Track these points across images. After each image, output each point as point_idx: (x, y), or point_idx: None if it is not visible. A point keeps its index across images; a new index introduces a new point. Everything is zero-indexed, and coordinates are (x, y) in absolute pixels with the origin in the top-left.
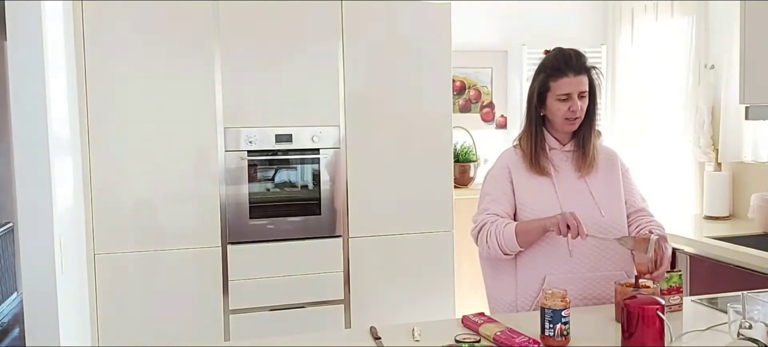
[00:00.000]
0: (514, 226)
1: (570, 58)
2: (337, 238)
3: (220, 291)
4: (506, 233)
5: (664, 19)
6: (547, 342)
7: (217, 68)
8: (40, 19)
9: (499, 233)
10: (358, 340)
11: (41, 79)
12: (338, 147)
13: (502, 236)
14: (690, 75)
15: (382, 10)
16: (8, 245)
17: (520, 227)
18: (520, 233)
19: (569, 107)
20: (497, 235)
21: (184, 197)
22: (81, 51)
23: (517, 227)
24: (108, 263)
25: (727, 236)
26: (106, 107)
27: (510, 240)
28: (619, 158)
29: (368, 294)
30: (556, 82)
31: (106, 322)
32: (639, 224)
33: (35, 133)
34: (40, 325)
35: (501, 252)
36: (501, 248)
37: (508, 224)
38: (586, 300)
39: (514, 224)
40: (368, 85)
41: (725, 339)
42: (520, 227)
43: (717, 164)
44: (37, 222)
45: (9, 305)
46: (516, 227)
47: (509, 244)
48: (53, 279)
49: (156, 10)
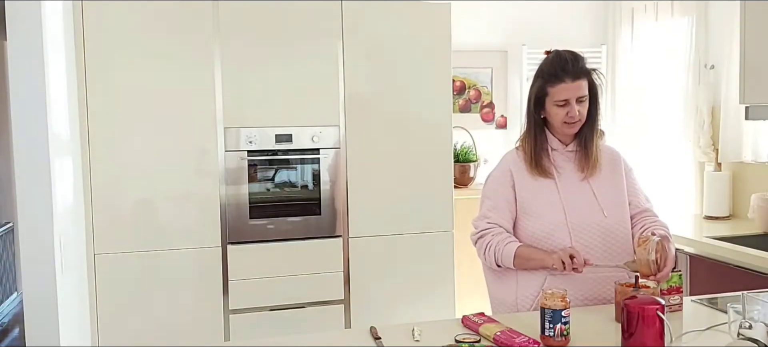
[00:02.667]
0: (514, 248)
1: (566, 63)
2: (337, 238)
3: (220, 291)
4: (505, 253)
5: (664, 19)
6: (547, 342)
7: (217, 68)
8: (40, 19)
9: (498, 249)
10: (358, 340)
11: (41, 80)
12: (338, 147)
13: (501, 254)
14: (690, 75)
15: (382, 10)
16: (8, 245)
17: (520, 251)
18: (518, 256)
19: (567, 113)
20: (496, 250)
21: (184, 197)
22: (81, 51)
23: (518, 250)
24: (108, 263)
25: (727, 236)
26: (106, 107)
27: (507, 260)
28: (622, 159)
29: (368, 294)
30: (554, 88)
31: (106, 322)
32: (643, 224)
33: (35, 133)
34: (40, 325)
35: (496, 265)
36: (497, 262)
37: (508, 244)
38: (586, 300)
39: (515, 247)
40: (368, 85)
41: (725, 339)
42: (520, 252)
43: (717, 164)
44: (37, 222)
45: (9, 305)
46: (516, 250)
47: (506, 263)
48: (53, 279)
49: (156, 10)
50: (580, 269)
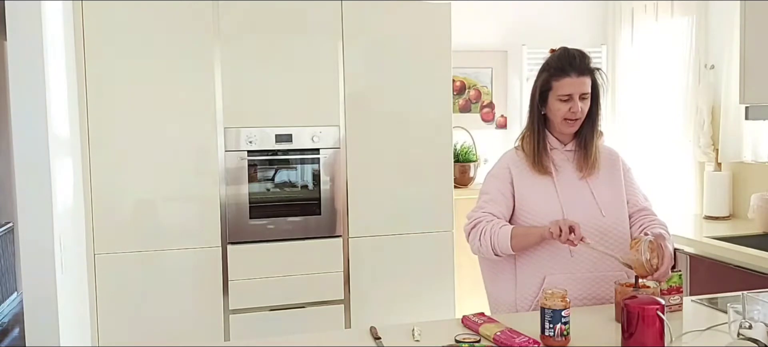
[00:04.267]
0: (510, 228)
1: (574, 59)
2: (337, 238)
3: (220, 291)
4: (501, 234)
5: (664, 19)
6: (547, 342)
7: (217, 68)
8: (40, 19)
9: (494, 232)
10: (358, 340)
11: (41, 80)
12: (338, 147)
13: (497, 237)
14: (690, 75)
15: (382, 10)
16: (8, 245)
17: (516, 230)
18: (515, 236)
19: (570, 108)
20: (492, 234)
21: (184, 197)
22: (81, 51)
23: (514, 230)
24: (108, 263)
25: (727, 236)
26: (106, 107)
27: (504, 241)
28: (620, 158)
29: (368, 294)
30: (559, 82)
31: (106, 322)
32: (642, 224)
33: (35, 133)
34: (40, 325)
35: (492, 252)
36: (493, 248)
37: (504, 226)
38: (586, 300)
39: (511, 227)
40: (368, 85)
41: (725, 339)
42: (517, 231)
43: (717, 164)
44: (37, 222)
45: (9, 305)
46: (512, 230)
47: (502, 246)
48: (53, 279)
49: (156, 10)
50: (575, 242)
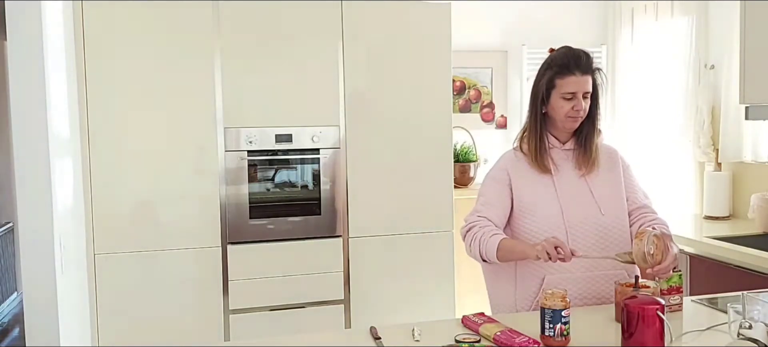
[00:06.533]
0: (498, 240)
1: (579, 58)
2: (337, 238)
3: (220, 291)
4: (489, 245)
5: (664, 19)
6: (547, 342)
7: (217, 68)
8: (40, 19)
9: (483, 241)
10: (358, 340)
11: (41, 79)
12: (338, 147)
13: (486, 246)
14: (690, 75)
15: (382, 10)
16: (8, 245)
17: (504, 243)
18: (501, 248)
19: (573, 106)
20: (481, 242)
21: (184, 197)
22: (81, 51)
23: (501, 242)
24: (108, 263)
25: (727, 236)
26: (106, 107)
27: (491, 252)
28: (619, 156)
29: (368, 294)
30: (563, 80)
31: (106, 322)
32: (642, 222)
33: (35, 133)
34: (40, 325)
35: (481, 259)
36: (482, 256)
37: (493, 236)
38: (586, 300)
39: (499, 239)
40: (368, 85)
41: (725, 339)
42: (504, 244)
43: (717, 164)
44: (37, 222)
45: (9, 305)
46: (499, 243)
47: (489, 256)
48: (53, 279)
49: (156, 10)
50: (567, 259)
